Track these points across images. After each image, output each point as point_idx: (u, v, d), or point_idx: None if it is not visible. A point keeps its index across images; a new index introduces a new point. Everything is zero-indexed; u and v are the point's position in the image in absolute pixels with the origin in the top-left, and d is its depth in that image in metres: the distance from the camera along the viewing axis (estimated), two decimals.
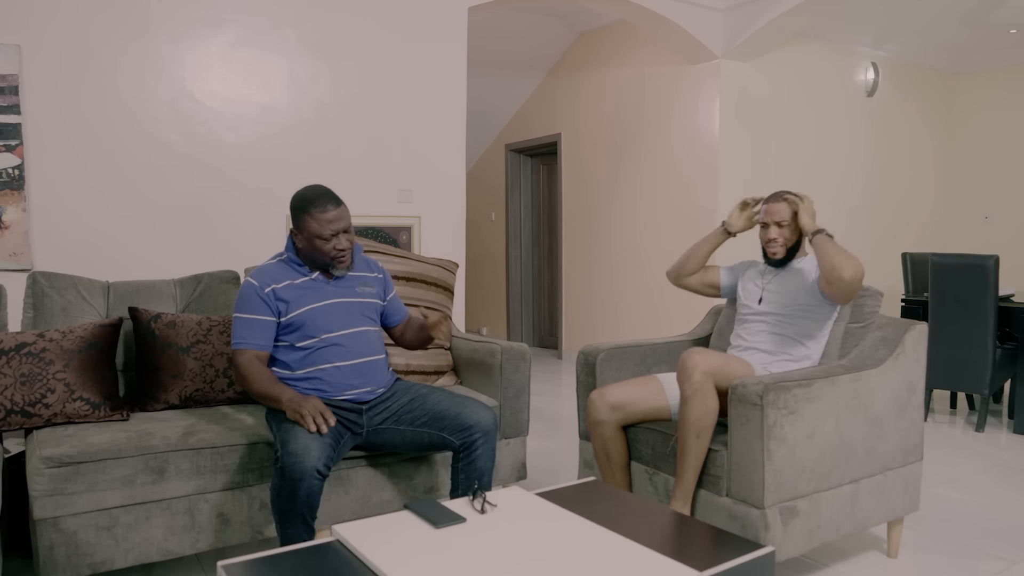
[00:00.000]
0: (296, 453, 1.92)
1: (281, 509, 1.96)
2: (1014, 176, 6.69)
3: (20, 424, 2.19)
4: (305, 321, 2.19)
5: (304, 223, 2.16)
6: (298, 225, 2.18)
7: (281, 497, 1.95)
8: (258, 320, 2.17)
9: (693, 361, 2.20)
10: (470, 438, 2.20)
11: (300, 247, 2.21)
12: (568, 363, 6.47)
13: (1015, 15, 5.55)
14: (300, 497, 1.93)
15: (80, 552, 2.01)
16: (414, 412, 2.26)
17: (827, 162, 6.01)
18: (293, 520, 1.96)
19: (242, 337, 2.17)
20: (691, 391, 2.17)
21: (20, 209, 3.13)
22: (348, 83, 3.92)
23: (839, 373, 2.19)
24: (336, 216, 2.15)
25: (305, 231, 2.16)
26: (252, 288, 2.18)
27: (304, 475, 1.92)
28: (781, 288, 2.48)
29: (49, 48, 3.19)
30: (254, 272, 2.22)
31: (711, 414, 2.17)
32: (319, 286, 2.24)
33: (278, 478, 1.95)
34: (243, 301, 2.18)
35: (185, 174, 3.52)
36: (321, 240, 2.15)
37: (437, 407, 2.25)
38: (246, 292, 2.18)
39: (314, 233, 2.15)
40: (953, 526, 2.79)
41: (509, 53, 6.37)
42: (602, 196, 6.14)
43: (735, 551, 1.57)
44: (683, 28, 4.92)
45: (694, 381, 2.17)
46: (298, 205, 2.17)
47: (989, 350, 4.07)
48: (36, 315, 2.51)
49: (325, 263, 2.21)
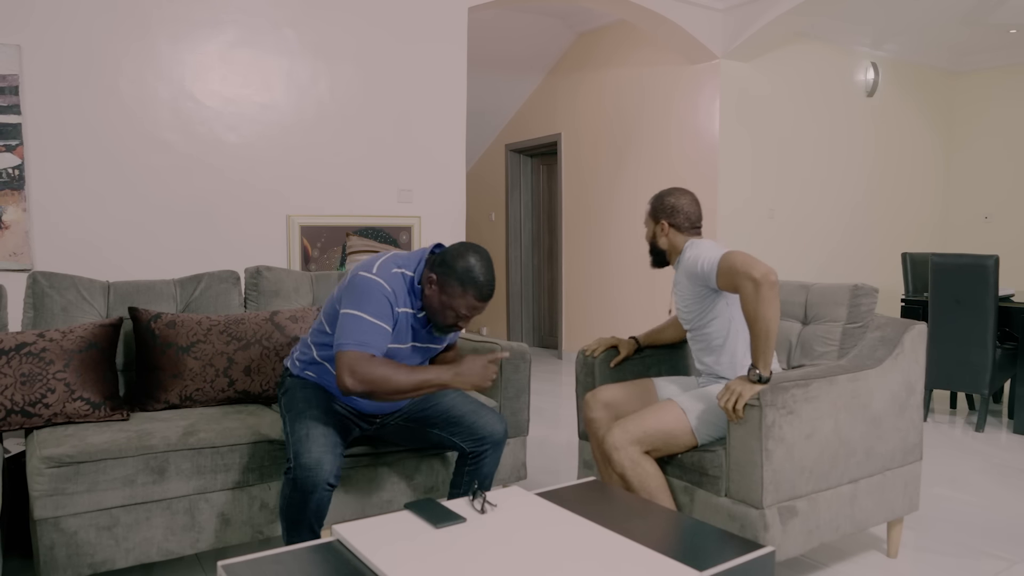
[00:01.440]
0: (309, 467, 1.91)
1: (290, 519, 1.97)
2: (1014, 176, 6.69)
3: (20, 424, 2.19)
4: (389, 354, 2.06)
5: (452, 290, 1.96)
6: (443, 283, 1.96)
7: (291, 507, 1.95)
8: (383, 329, 1.95)
9: (608, 443, 2.19)
10: (481, 447, 2.21)
11: (427, 295, 2.01)
12: (568, 363, 6.47)
13: (1015, 15, 5.55)
14: (310, 508, 1.95)
15: (80, 552, 2.01)
16: (427, 412, 2.24)
17: (827, 162, 6.01)
18: (301, 530, 1.98)
19: (363, 338, 1.91)
20: (620, 469, 2.18)
21: (20, 209, 3.13)
22: (348, 83, 3.93)
23: (838, 373, 2.19)
24: (482, 308, 2.00)
25: (447, 294, 1.97)
26: (387, 294, 1.96)
27: (316, 487, 1.92)
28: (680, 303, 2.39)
29: (49, 48, 3.19)
30: (384, 273, 1.99)
31: (654, 478, 2.19)
32: (418, 327, 2.09)
33: (289, 489, 1.94)
34: (371, 303, 1.94)
35: (185, 174, 3.52)
36: (452, 312, 1.99)
37: (452, 411, 2.23)
38: (378, 294, 1.95)
39: (453, 306, 1.97)
40: (953, 526, 2.79)
41: (509, 53, 6.37)
42: (602, 196, 6.14)
43: (735, 551, 1.57)
44: (683, 28, 4.92)
45: (614, 461, 2.18)
46: (461, 271, 1.95)
47: (989, 350, 4.07)
48: (36, 315, 2.51)
49: (433, 323, 2.06)
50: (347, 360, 1.88)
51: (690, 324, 2.38)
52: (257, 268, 2.91)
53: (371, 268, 2.00)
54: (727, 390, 2.07)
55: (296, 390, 2.16)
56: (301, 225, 3.78)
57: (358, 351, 1.89)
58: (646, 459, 2.19)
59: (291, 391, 2.17)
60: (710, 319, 2.32)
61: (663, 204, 2.39)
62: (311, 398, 2.12)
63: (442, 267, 1.97)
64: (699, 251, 2.25)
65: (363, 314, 1.92)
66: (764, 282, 2.00)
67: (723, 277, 2.13)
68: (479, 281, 1.95)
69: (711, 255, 2.19)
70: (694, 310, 2.33)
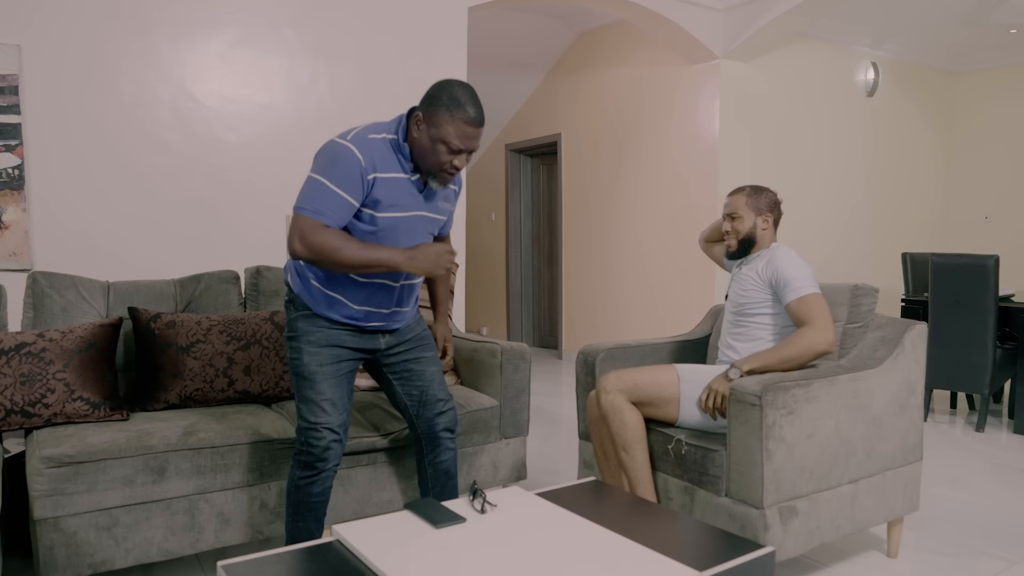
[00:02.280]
0: (320, 455, 1.99)
1: (296, 501, 2.02)
2: (1014, 176, 6.69)
3: (20, 424, 2.19)
4: (385, 228, 1.95)
5: (439, 119, 1.86)
6: (431, 116, 1.87)
7: (299, 489, 2.02)
8: (344, 200, 1.86)
9: (600, 384, 2.33)
10: (431, 429, 2.22)
11: (415, 137, 1.91)
12: (568, 363, 6.47)
13: (1015, 15, 5.55)
14: (314, 492, 2.03)
15: (80, 552, 2.01)
16: (409, 376, 2.20)
17: (827, 162, 6.01)
18: (306, 514, 2.03)
19: (320, 206, 1.83)
20: (604, 410, 2.32)
21: (20, 209, 3.13)
22: (348, 83, 3.92)
23: (838, 373, 2.19)
24: (475, 134, 1.90)
25: (435, 127, 1.87)
26: (355, 162, 1.86)
27: (324, 472, 2.02)
28: (740, 287, 2.47)
29: (49, 48, 3.19)
30: (357, 140, 1.89)
31: (631, 428, 2.29)
32: (412, 192, 1.98)
33: (300, 469, 2.02)
34: (336, 168, 1.85)
35: (185, 174, 3.52)
36: (444, 147, 1.88)
37: (423, 377, 2.20)
38: (345, 161, 1.85)
39: (443, 137, 1.87)
40: (953, 526, 2.79)
41: (509, 53, 6.37)
42: (602, 196, 6.14)
43: (735, 551, 1.57)
44: (683, 28, 4.92)
45: (604, 401, 2.31)
46: (445, 98, 1.87)
47: (989, 350, 4.07)
48: (36, 315, 2.51)
49: (427, 171, 1.95)
50: (299, 225, 1.83)
51: (739, 308, 2.45)
52: (257, 268, 2.91)
53: (346, 135, 1.91)
54: (709, 391, 2.24)
55: (302, 341, 2.02)
56: None
57: (312, 219, 1.83)
58: (630, 408, 2.30)
59: (298, 339, 2.03)
60: (761, 312, 2.40)
61: (770, 199, 2.47)
62: (319, 355, 2.02)
63: (426, 101, 1.89)
64: (789, 263, 2.35)
65: (326, 180, 1.85)
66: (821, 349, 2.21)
67: (798, 310, 2.28)
68: (462, 98, 1.87)
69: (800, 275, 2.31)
70: (753, 299, 2.41)
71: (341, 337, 2.06)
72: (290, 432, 2.31)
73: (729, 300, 2.53)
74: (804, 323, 2.25)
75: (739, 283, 2.48)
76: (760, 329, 2.40)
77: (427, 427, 2.21)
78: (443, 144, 1.88)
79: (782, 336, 2.38)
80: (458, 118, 1.86)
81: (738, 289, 2.47)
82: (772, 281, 2.36)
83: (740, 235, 2.46)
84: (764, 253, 2.45)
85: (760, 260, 2.44)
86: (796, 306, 2.28)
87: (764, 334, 2.39)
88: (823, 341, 2.21)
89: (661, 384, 2.31)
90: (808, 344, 2.21)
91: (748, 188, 2.48)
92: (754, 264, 2.45)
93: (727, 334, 2.50)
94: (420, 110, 1.91)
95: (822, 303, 2.26)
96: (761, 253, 2.46)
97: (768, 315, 2.39)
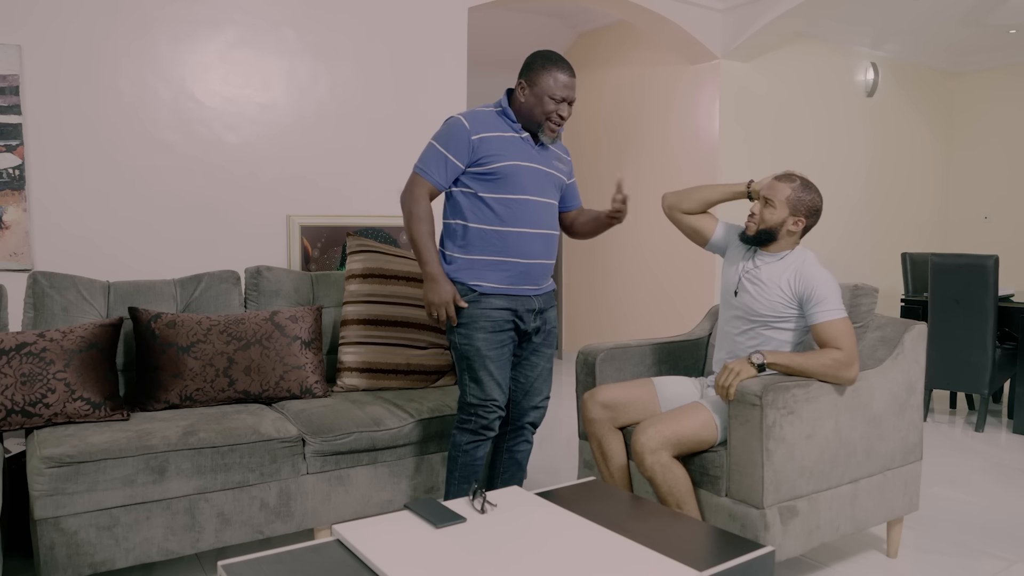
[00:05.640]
0: (489, 424, 2.26)
1: (464, 464, 2.28)
2: (1013, 176, 6.69)
3: (20, 424, 2.20)
4: (508, 174, 2.21)
5: (540, 78, 2.19)
6: (531, 78, 2.21)
7: (466, 453, 2.27)
8: (451, 161, 2.20)
9: (641, 444, 2.13)
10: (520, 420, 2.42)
11: (522, 101, 2.24)
12: (568, 363, 6.47)
13: (1014, 15, 5.55)
14: (479, 456, 2.29)
15: (81, 552, 2.01)
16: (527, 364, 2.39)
17: (827, 162, 6.01)
18: (470, 476, 2.28)
19: (430, 167, 2.21)
20: (650, 472, 2.13)
21: (20, 209, 3.13)
22: (348, 83, 3.93)
23: None
24: (571, 83, 2.21)
25: (538, 85, 2.19)
26: (462, 128, 2.20)
27: (487, 438, 2.29)
28: (758, 291, 2.29)
29: (50, 48, 3.19)
30: (467, 113, 2.24)
31: (683, 482, 2.15)
32: (525, 146, 2.27)
33: (468, 435, 2.27)
34: (448, 135, 2.21)
35: (185, 174, 3.52)
36: (550, 99, 2.19)
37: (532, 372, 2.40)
38: (455, 129, 2.21)
39: (546, 91, 2.19)
40: (953, 526, 2.79)
41: (509, 53, 6.37)
42: (602, 196, 6.14)
43: (735, 551, 1.57)
44: (683, 28, 4.93)
45: (646, 465, 2.13)
46: (539, 61, 2.21)
47: (989, 350, 4.07)
48: (36, 315, 2.51)
49: (538, 124, 2.24)
50: (412, 179, 2.23)
51: (759, 317, 2.29)
52: (257, 268, 2.91)
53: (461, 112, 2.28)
54: (726, 370, 2.15)
55: (473, 328, 2.23)
56: (301, 225, 3.78)
57: (419, 176, 2.22)
58: (676, 464, 2.15)
59: (468, 326, 2.23)
60: (785, 328, 2.28)
61: (813, 204, 2.26)
62: (488, 340, 2.24)
63: (525, 69, 2.24)
64: (823, 281, 2.20)
65: (437, 144, 2.21)
66: (846, 378, 2.15)
67: (826, 333, 2.16)
68: (555, 57, 2.21)
69: (833, 295, 2.18)
70: (780, 313, 2.26)
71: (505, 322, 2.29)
72: (290, 432, 2.31)
73: (741, 302, 2.32)
74: (830, 347, 2.14)
75: (757, 287, 2.28)
76: (783, 344, 2.29)
77: (518, 414, 2.40)
78: (547, 97, 2.20)
79: (800, 348, 2.31)
80: (555, 72, 2.20)
81: (756, 294, 2.28)
82: (803, 296, 2.21)
83: (764, 224, 2.26)
84: (790, 259, 2.27)
85: (786, 268, 2.26)
86: (825, 328, 2.15)
87: (786, 348, 2.28)
88: (851, 373, 2.14)
89: (698, 427, 2.17)
90: (836, 368, 2.12)
91: (800, 181, 2.25)
92: (777, 270, 2.27)
93: (738, 337, 2.35)
94: (521, 78, 2.24)
95: (852, 331, 2.16)
96: (786, 257, 2.28)
97: (791, 330, 2.27)
